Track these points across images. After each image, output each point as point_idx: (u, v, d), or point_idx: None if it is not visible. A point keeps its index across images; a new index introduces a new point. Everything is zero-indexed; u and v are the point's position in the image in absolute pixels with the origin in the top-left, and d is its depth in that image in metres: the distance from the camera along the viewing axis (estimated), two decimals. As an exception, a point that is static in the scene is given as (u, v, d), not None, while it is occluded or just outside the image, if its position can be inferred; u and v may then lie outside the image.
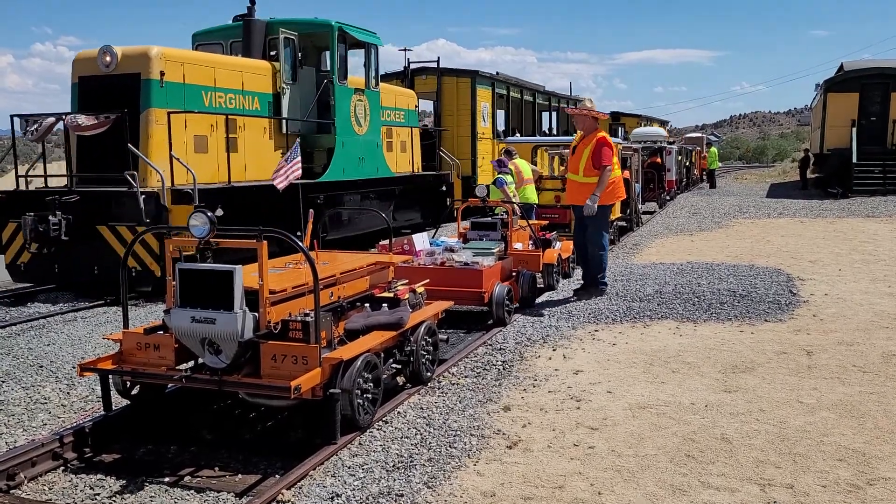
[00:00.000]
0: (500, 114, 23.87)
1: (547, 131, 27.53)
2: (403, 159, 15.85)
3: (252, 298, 4.51)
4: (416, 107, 16.63)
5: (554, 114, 27.77)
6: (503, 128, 23.33)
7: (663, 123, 43.62)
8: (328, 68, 13.13)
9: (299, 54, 12.55)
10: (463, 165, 18.88)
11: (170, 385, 5.03)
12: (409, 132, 16.16)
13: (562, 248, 10.01)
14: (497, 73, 21.83)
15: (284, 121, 11.95)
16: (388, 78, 18.85)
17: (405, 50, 20.86)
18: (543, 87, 26.13)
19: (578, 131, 8.96)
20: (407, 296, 5.76)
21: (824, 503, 3.70)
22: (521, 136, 22.39)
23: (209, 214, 4.43)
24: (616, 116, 35.91)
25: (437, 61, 19.96)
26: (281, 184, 7.76)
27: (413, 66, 20.13)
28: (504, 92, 21.90)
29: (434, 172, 17.21)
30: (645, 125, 35.35)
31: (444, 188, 17.06)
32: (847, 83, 24.88)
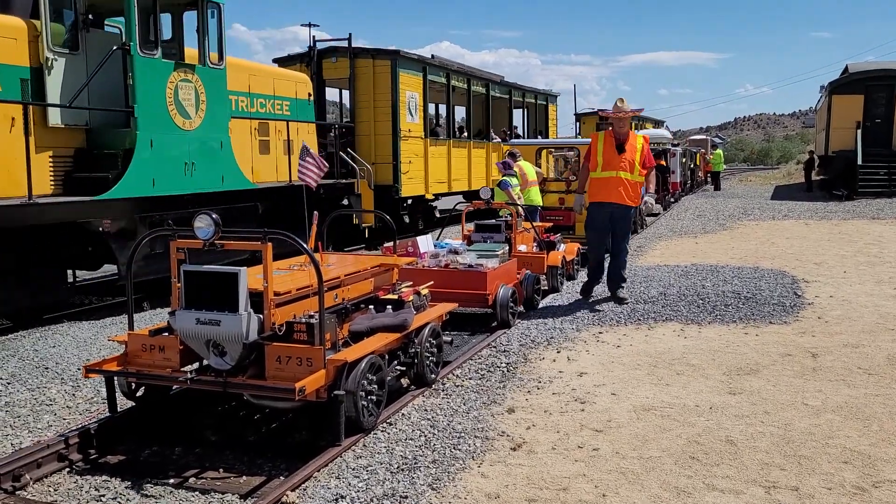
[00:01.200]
0: (439, 108, 21.40)
1: (520, 133, 24.28)
2: (286, 164, 11.58)
3: (257, 300, 4.52)
4: (309, 95, 12.48)
5: (522, 111, 24.53)
6: (472, 127, 21.22)
7: (658, 124, 40.58)
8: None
9: (86, 13, 8.71)
10: (380, 172, 15.18)
11: (175, 386, 5.03)
12: (298, 129, 11.90)
13: (566, 250, 10.01)
14: (432, 57, 17.76)
15: (52, 108, 8.18)
16: (289, 61, 15.68)
17: (310, 26, 16.55)
18: (502, 78, 22.06)
19: (599, 133, 8.78)
20: (411, 298, 5.76)
21: (829, 505, 3.68)
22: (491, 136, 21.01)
23: (214, 216, 4.44)
24: (603, 116, 34.63)
25: (349, 39, 15.54)
26: (312, 182, 7.42)
27: (320, 45, 16.04)
28: (443, 80, 17.79)
29: (331, 181, 12.32)
30: (636, 124, 33.93)
31: (346, 201, 12.90)
32: (852, 85, 24.84)
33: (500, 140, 20.54)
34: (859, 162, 23.08)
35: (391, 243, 6.85)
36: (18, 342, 7.26)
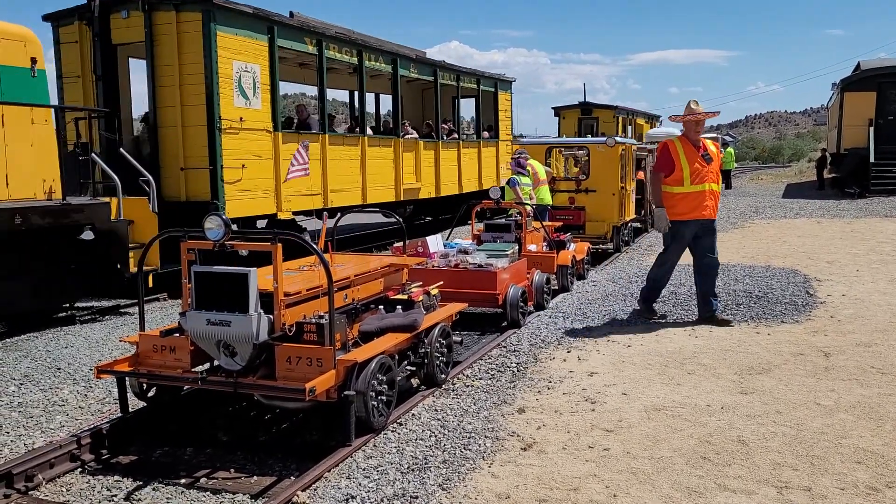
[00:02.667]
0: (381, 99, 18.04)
1: (469, 131, 19.77)
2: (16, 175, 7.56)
3: (267, 301, 4.53)
4: (33, 63, 7.92)
5: (455, 99, 19.02)
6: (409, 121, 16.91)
7: (652, 119, 36.39)
8: None
9: None
10: (192, 181, 10.08)
11: (186, 387, 5.05)
12: (3, 116, 7.51)
13: (576, 249, 9.99)
14: (291, 15, 12.04)
15: None
16: (62, 18, 10.71)
17: None
18: (420, 54, 16.36)
19: (672, 140, 7.62)
20: (421, 298, 5.77)
21: (842, 506, 3.66)
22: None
23: (223, 217, 4.46)
24: (587, 109, 29.78)
25: None
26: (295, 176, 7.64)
27: None
28: (309, 50, 12.11)
29: (48, 203, 7.72)
30: (624, 119, 30.20)
31: (89, 235, 8.15)
32: (864, 82, 24.66)
33: (416, 136, 15.44)
34: (872, 159, 22.92)
35: (401, 243, 6.85)
36: (31, 343, 7.31)
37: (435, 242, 8.23)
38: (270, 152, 10.97)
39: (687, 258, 7.80)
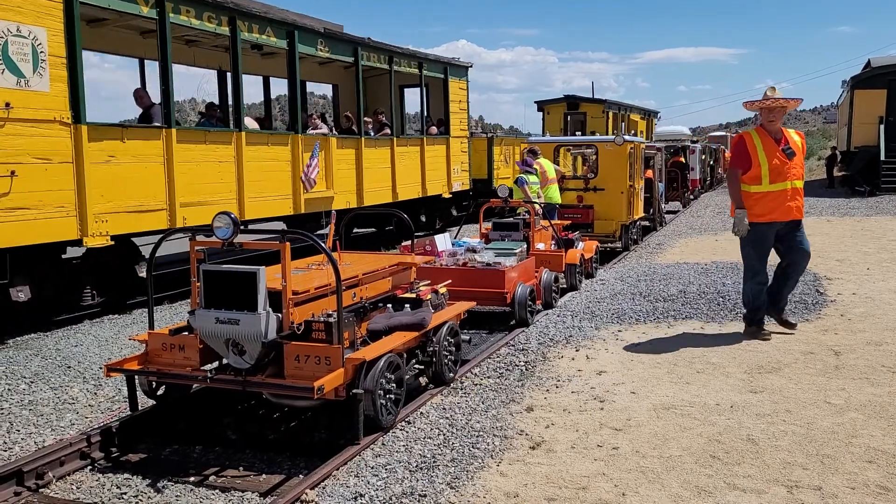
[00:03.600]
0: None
1: (388, 122, 14.54)
2: None
3: (275, 299, 4.54)
4: None
5: (391, 87, 14.39)
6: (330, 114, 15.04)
7: (648, 114, 33.48)
8: None
9: None
10: None
11: (195, 385, 5.07)
12: None
13: (584, 248, 9.97)
14: None
15: None
16: None
17: None
18: (331, 30, 12.68)
19: (748, 132, 6.90)
20: (429, 296, 5.76)
21: (853, 505, 3.64)
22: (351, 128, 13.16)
23: (232, 216, 4.47)
24: (573, 103, 27.26)
25: None
26: (307, 184, 7.62)
27: None
28: (149, 13, 9.00)
29: None
30: (615, 114, 27.44)
31: None
32: (874, 80, 24.50)
33: (326, 130, 12.73)
34: (882, 157, 22.77)
35: (409, 242, 6.85)
36: (41, 341, 7.35)
37: (443, 241, 8.24)
38: (68, 153, 7.86)
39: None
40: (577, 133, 25.62)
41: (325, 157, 11.96)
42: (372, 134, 13.62)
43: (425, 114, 16.66)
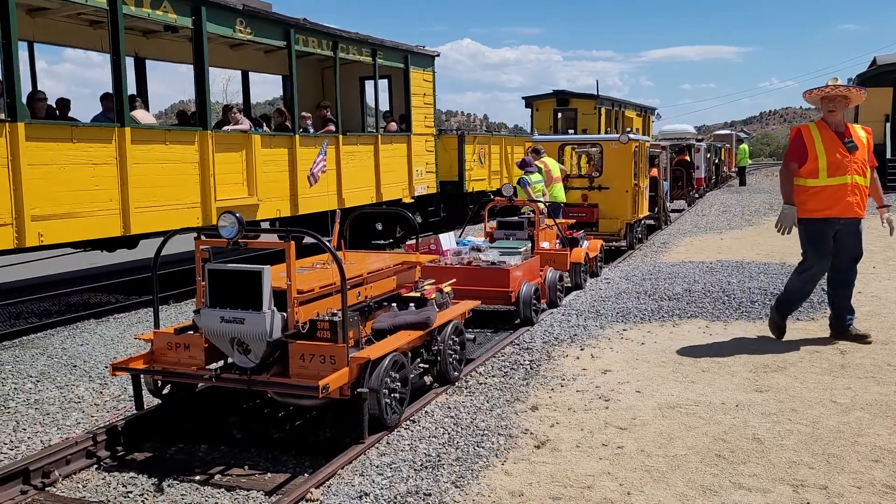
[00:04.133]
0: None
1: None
2: None
3: (280, 298, 4.55)
4: None
5: (335, 77, 12.46)
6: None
7: (645, 111, 31.81)
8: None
9: None
10: None
11: (200, 384, 5.08)
12: None
13: (589, 246, 9.96)
14: None
15: None
16: None
17: None
18: (284, 15, 11.26)
19: (807, 125, 6.54)
20: (434, 295, 5.76)
21: (859, 504, 3.63)
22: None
23: (237, 215, 4.47)
24: (563, 99, 25.64)
25: None
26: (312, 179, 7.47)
27: None
28: None
29: None
30: (608, 111, 26.10)
31: None
32: (880, 77, 24.42)
33: (246, 126, 10.57)
34: (888, 155, 22.71)
35: (413, 241, 6.85)
36: (47, 340, 7.37)
37: (448, 240, 8.23)
38: None
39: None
40: (568, 131, 24.57)
41: (246, 158, 10.20)
42: (312, 131, 11.75)
43: (385, 109, 15.09)
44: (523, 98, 26.83)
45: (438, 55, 15.38)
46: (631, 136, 12.93)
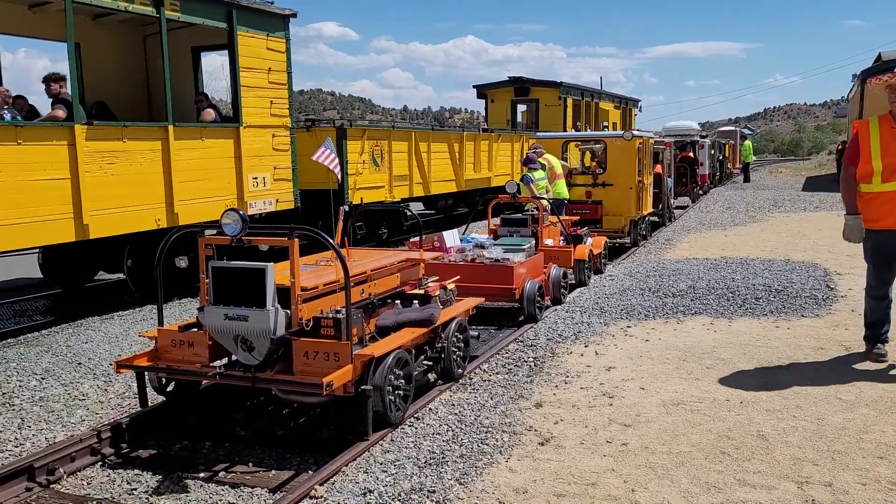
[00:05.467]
0: None
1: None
2: None
3: (284, 296, 4.55)
4: None
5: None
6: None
7: (626, 103, 28.92)
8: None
9: None
10: None
11: (204, 382, 5.09)
12: None
13: (593, 243, 9.94)
14: None
15: None
16: None
17: None
18: None
19: (868, 120, 5.87)
20: (437, 293, 5.76)
21: (864, 501, 3.62)
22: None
23: (241, 213, 4.48)
24: (522, 89, 22.50)
25: None
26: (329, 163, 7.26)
27: None
28: None
29: None
30: (576, 102, 23.09)
31: None
32: (885, 73, 24.36)
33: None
34: (893, 152, 22.65)
35: (417, 238, 6.85)
36: (52, 338, 7.38)
37: (451, 237, 8.23)
38: None
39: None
40: (532, 125, 21.94)
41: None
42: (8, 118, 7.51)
43: (198, 89, 10.97)
44: (475, 87, 23.54)
45: (295, 15, 10.69)
46: (635, 132, 12.91)
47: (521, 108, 23.68)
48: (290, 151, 10.71)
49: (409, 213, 7.08)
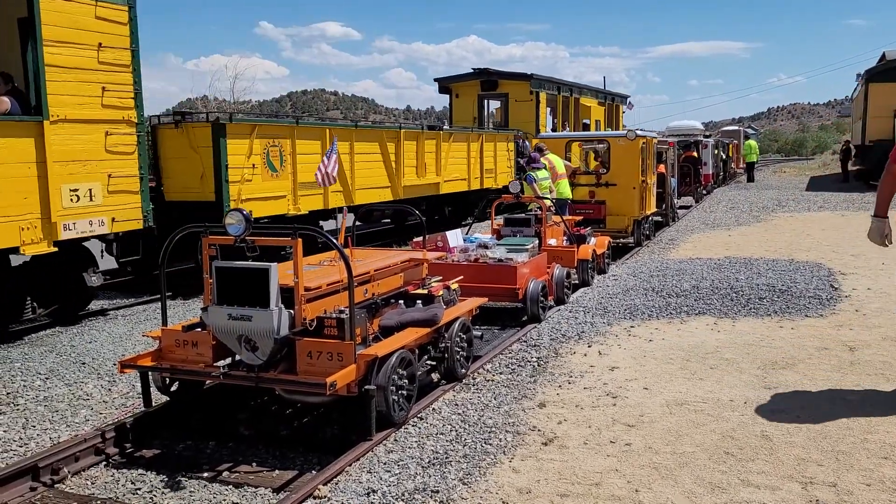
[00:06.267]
0: None
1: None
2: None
3: (287, 296, 4.55)
4: None
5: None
6: None
7: (612, 99, 26.81)
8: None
9: None
10: None
11: (208, 381, 5.09)
12: None
13: (596, 243, 9.94)
14: None
15: None
16: None
17: None
18: None
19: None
20: (441, 292, 5.76)
21: (868, 502, 3.61)
22: None
23: (245, 213, 4.48)
24: (490, 83, 20.46)
25: None
26: (323, 180, 7.35)
27: None
28: None
29: None
30: (551, 96, 21.07)
31: None
32: (889, 73, 24.30)
33: None
34: (898, 151, 22.59)
35: (420, 238, 6.85)
36: (56, 338, 7.40)
37: (455, 237, 8.23)
38: None
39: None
40: (506, 123, 20.18)
41: None
42: None
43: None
44: (436, 80, 20.97)
45: None
46: (638, 132, 12.90)
47: (492, 104, 21.57)
48: (138, 154, 8.25)
49: (414, 212, 7.07)
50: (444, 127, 15.23)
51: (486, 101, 20.81)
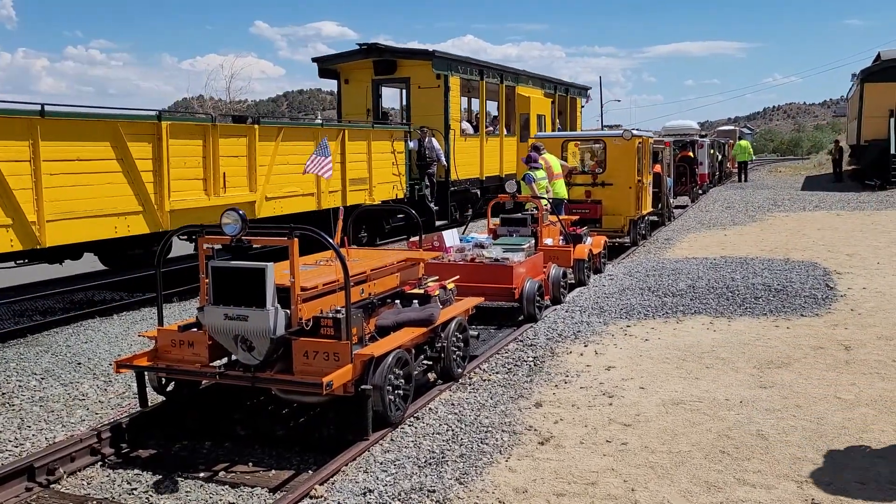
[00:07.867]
0: None
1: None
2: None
3: (284, 295, 4.55)
4: None
5: None
6: None
7: (566, 90, 22.21)
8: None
9: None
10: None
11: (204, 381, 5.09)
12: None
13: (592, 243, 9.94)
14: None
15: None
16: None
17: None
18: None
19: None
20: (437, 292, 5.76)
21: (864, 501, 3.62)
22: None
23: (240, 212, 4.48)
24: (385, 63, 15.33)
25: None
26: (319, 171, 7.35)
27: None
28: None
29: None
30: (469, 82, 16.56)
31: None
32: (884, 73, 24.35)
33: None
34: (892, 151, 22.62)
35: (417, 238, 6.85)
36: (52, 338, 7.38)
37: (451, 237, 8.23)
38: None
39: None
40: (408, 118, 15.58)
41: None
42: None
43: None
44: (313, 60, 15.80)
45: None
46: (634, 132, 12.91)
47: (388, 90, 16.89)
48: None
49: (411, 211, 7.06)
50: (263, 120, 10.33)
51: (381, 87, 16.03)
